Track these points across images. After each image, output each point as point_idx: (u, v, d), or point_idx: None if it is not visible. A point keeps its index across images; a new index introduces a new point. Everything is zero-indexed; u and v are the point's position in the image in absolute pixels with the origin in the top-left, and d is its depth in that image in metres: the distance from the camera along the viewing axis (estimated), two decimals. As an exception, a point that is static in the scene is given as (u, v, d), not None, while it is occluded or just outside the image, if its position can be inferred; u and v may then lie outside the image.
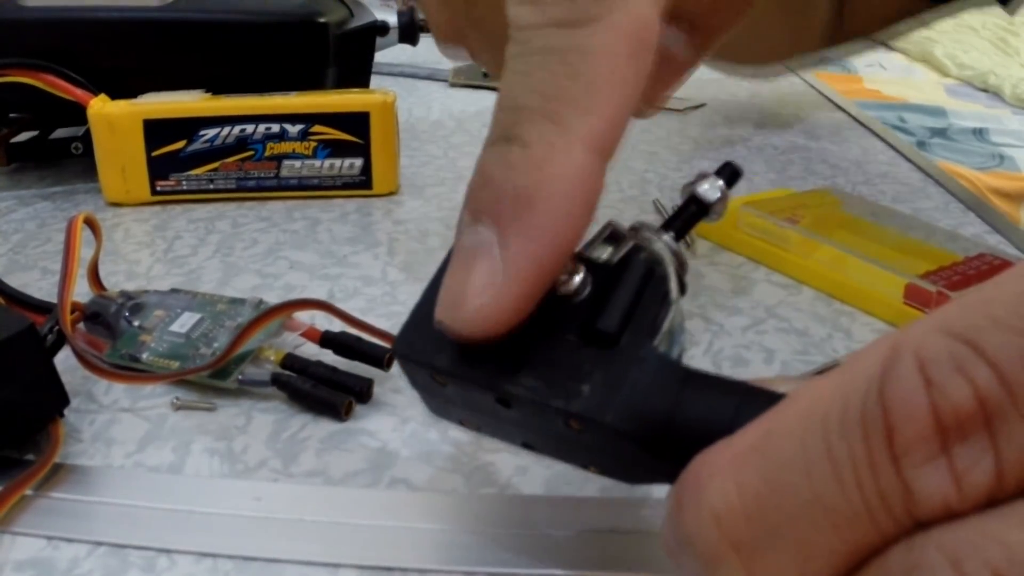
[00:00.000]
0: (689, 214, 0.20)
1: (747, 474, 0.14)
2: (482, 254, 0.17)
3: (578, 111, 0.18)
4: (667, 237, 0.19)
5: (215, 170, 0.43)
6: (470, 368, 0.18)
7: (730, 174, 0.21)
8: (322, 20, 0.45)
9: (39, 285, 0.35)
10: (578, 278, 0.18)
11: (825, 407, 0.13)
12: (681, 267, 0.19)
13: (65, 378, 0.25)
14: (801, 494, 0.13)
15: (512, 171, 0.18)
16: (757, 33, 0.54)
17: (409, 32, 0.68)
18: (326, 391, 0.27)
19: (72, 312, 0.28)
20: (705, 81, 0.73)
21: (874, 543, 0.13)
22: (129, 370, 0.28)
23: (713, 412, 0.16)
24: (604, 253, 0.19)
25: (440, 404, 0.20)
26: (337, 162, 0.43)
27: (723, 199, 0.20)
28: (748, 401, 0.16)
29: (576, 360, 0.17)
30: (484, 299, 0.17)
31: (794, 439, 0.13)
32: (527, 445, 0.20)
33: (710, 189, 0.20)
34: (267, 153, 0.43)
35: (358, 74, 0.51)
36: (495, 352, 0.18)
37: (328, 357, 0.28)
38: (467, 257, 0.18)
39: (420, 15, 0.69)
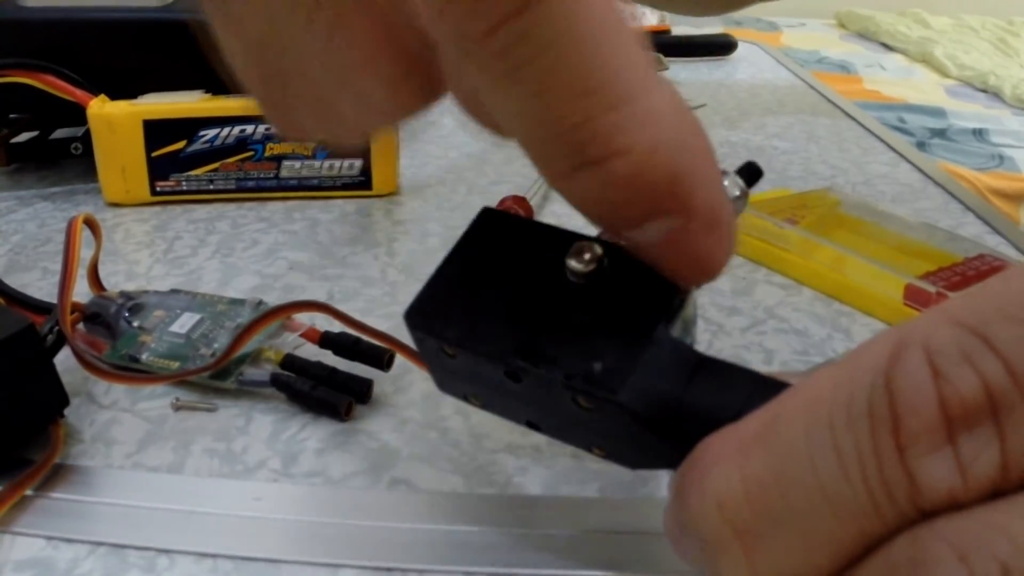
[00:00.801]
0: None
1: (751, 462, 0.14)
2: (687, 235, 0.16)
3: (632, 85, 0.15)
4: None
5: (215, 170, 0.43)
6: (480, 340, 0.18)
7: (751, 174, 0.21)
8: (322, 20, 0.45)
9: (39, 285, 0.35)
10: (594, 259, 0.18)
11: (831, 396, 0.13)
12: None
13: (65, 378, 0.25)
14: (805, 483, 0.13)
15: (640, 178, 0.15)
16: None
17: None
18: (326, 391, 0.27)
19: (72, 312, 0.28)
20: (705, 81, 0.73)
21: (878, 533, 0.13)
22: (129, 370, 0.28)
23: (723, 399, 0.16)
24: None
25: (448, 379, 0.20)
26: (337, 162, 0.43)
27: (743, 197, 0.21)
28: (758, 389, 0.16)
29: (589, 338, 0.17)
30: (725, 254, 0.17)
31: (799, 428, 0.13)
32: (532, 424, 0.20)
33: (730, 187, 0.21)
34: (267, 153, 0.43)
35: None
36: (505, 327, 0.18)
37: (328, 358, 0.28)
38: (673, 244, 0.16)
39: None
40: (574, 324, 0.17)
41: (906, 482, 0.12)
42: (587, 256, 0.18)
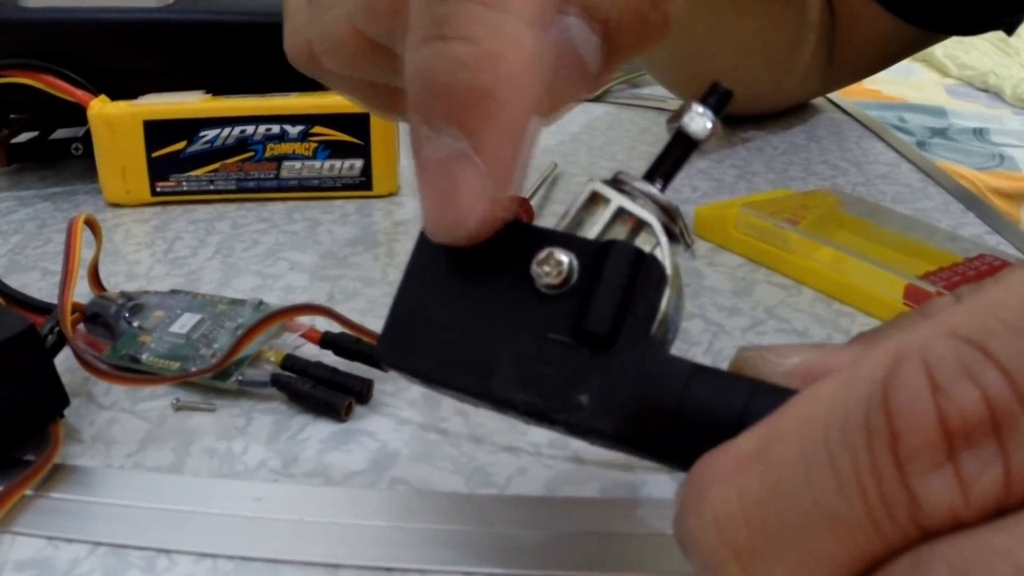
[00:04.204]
0: (677, 154, 0.18)
1: (748, 480, 0.13)
2: (461, 162, 0.16)
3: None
4: (653, 190, 0.18)
5: (215, 171, 0.43)
6: (459, 374, 0.17)
7: (719, 97, 0.18)
8: (322, 21, 0.45)
9: (39, 286, 0.35)
10: (562, 268, 0.17)
11: (827, 412, 0.13)
12: (672, 220, 0.18)
13: (65, 379, 0.25)
14: (802, 502, 0.13)
15: (466, 71, 0.16)
16: (741, 84, 0.54)
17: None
18: (326, 392, 0.27)
19: (72, 313, 0.28)
20: (705, 81, 0.73)
21: (878, 552, 0.12)
22: (129, 371, 0.28)
23: (719, 409, 0.16)
24: (587, 226, 0.18)
25: (437, 392, 0.20)
26: (337, 163, 0.43)
27: (713, 129, 0.18)
28: (756, 397, 0.15)
29: (571, 364, 0.16)
30: (482, 207, 0.16)
31: (795, 445, 0.13)
32: (527, 421, 0.19)
33: (698, 120, 0.18)
34: (267, 154, 0.43)
35: (358, 75, 0.51)
36: (483, 354, 0.17)
37: (328, 358, 0.28)
38: (444, 169, 0.17)
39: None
40: (553, 345, 0.16)
41: (907, 501, 0.12)
42: (554, 264, 0.17)
